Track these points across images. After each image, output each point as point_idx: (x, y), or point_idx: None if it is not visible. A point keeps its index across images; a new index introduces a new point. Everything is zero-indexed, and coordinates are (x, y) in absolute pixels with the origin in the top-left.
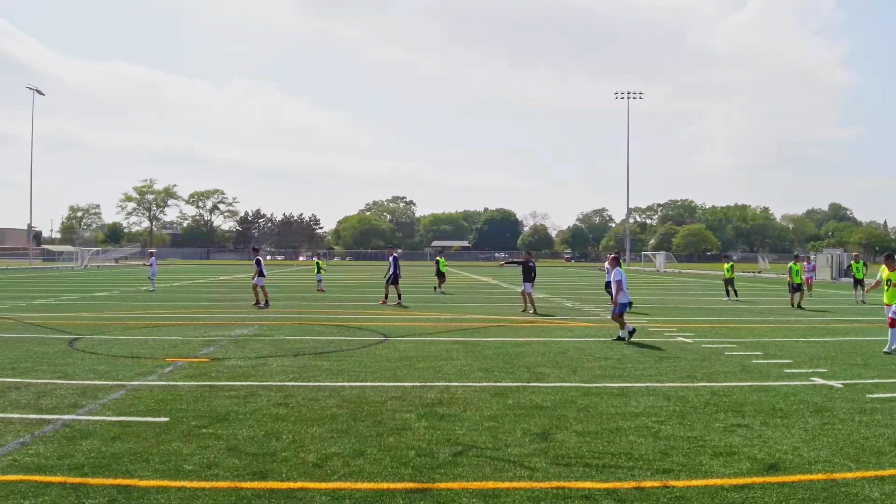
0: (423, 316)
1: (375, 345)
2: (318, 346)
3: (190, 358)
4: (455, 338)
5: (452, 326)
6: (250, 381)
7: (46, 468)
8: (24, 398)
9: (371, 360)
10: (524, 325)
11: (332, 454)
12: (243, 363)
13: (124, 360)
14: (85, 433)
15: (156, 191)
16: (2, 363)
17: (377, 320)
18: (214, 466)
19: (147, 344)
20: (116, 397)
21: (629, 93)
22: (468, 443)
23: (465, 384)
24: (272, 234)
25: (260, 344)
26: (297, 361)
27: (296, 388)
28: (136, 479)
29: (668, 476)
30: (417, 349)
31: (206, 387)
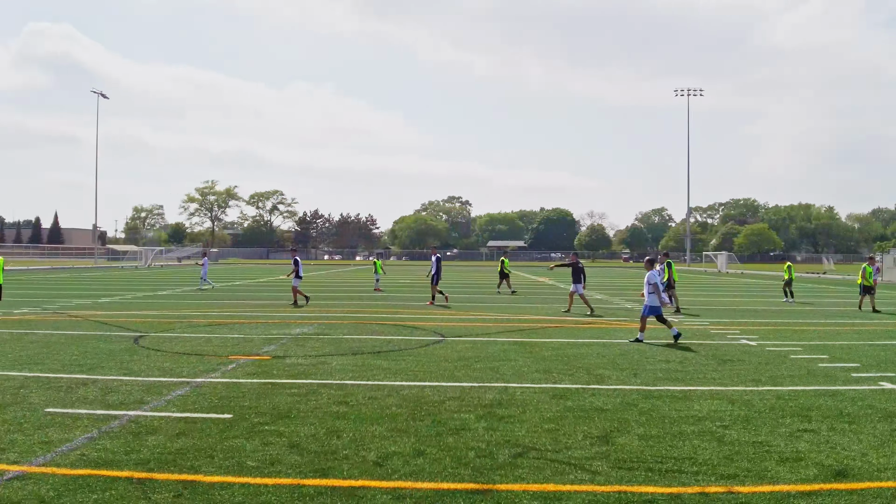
0: (480, 316)
1: (432, 345)
2: (376, 345)
3: (252, 356)
4: (512, 338)
5: (509, 327)
6: (311, 379)
7: (113, 463)
8: (92, 394)
9: (429, 360)
10: (582, 326)
11: (393, 453)
12: (303, 361)
13: (188, 358)
14: (151, 429)
15: (217, 192)
16: (70, 360)
17: (434, 320)
18: (277, 463)
19: (210, 342)
20: (181, 394)
21: (689, 90)
22: (528, 444)
23: (524, 385)
24: (330, 233)
25: (319, 342)
26: (356, 360)
27: (355, 386)
28: (201, 474)
29: (733, 482)
30: (474, 350)
31: (267, 384)
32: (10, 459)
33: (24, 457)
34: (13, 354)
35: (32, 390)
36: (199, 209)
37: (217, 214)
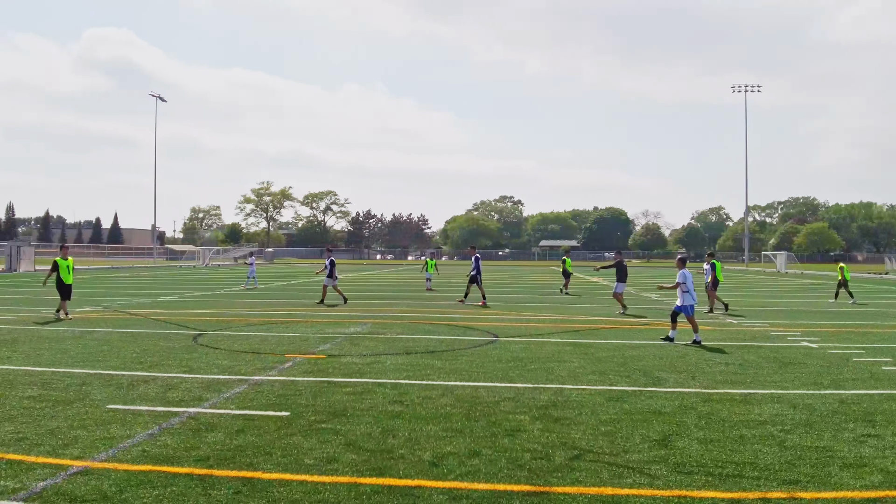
0: (534, 317)
1: (486, 345)
2: (429, 344)
3: (308, 354)
4: (566, 339)
5: (563, 328)
6: (365, 378)
7: (174, 459)
8: (152, 391)
9: (483, 360)
10: (638, 327)
11: (448, 453)
12: (358, 360)
13: (246, 356)
14: (210, 426)
15: (272, 193)
16: (131, 357)
17: (487, 320)
18: (334, 461)
19: (267, 340)
20: (239, 391)
21: (747, 86)
22: (584, 447)
23: (579, 387)
24: (382, 234)
25: (373, 342)
26: (410, 359)
27: (410, 386)
28: (260, 471)
29: (796, 487)
30: (528, 350)
31: (323, 382)
32: (74, 455)
33: (87, 452)
34: (75, 352)
35: (94, 387)
36: (254, 210)
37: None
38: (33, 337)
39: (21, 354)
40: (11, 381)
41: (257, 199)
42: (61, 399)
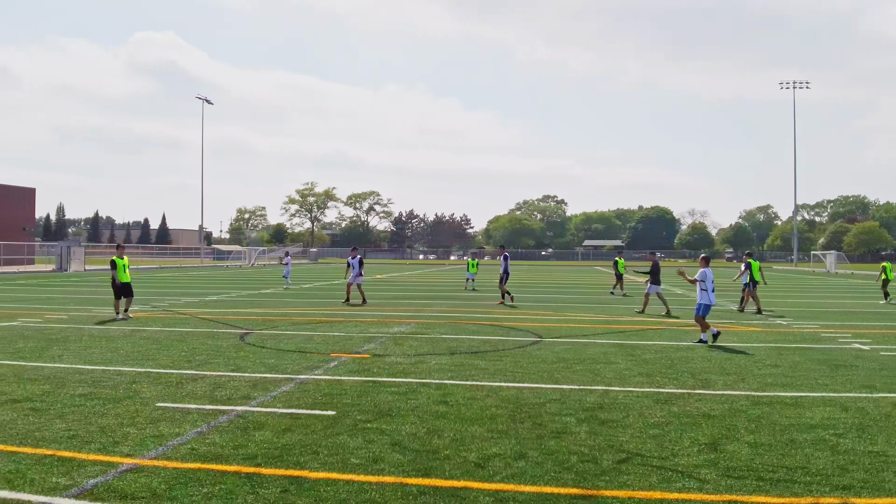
0: (578, 317)
1: (530, 345)
2: (473, 345)
3: (352, 354)
4: (612, 340)
5: (608, 328)
6: (410, 378)
7: (222, 457)
8: (201, 389)
9: (527, 361)
10: (685, 328)
11: (494, 455)
12: (403, 360)
13: (292, 355)
14: (257, 424)
15: (316, 193)
16: (179, 356)
17: (530, 320)
18: (380, 461)
19: (312, 339)
20: (286, 390)
21: (795, 82)
22: (632, 450)
23: (626, 389)
24: (424, 233)
25: (417, 342)
26: (454, 360)
27: (454, 386)
28: (307, 470)
29: (849, 493)
30: (573, 351)
31: (368, 382)
32: (124, 452)
33: (137, 450)
34: (125, 351)
35: (144, 385)
36: (299, 210)
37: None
38: (84, 335)
39: (72, 353)
40: (63, 379)
41: (301, 199)
42: (112, 397)
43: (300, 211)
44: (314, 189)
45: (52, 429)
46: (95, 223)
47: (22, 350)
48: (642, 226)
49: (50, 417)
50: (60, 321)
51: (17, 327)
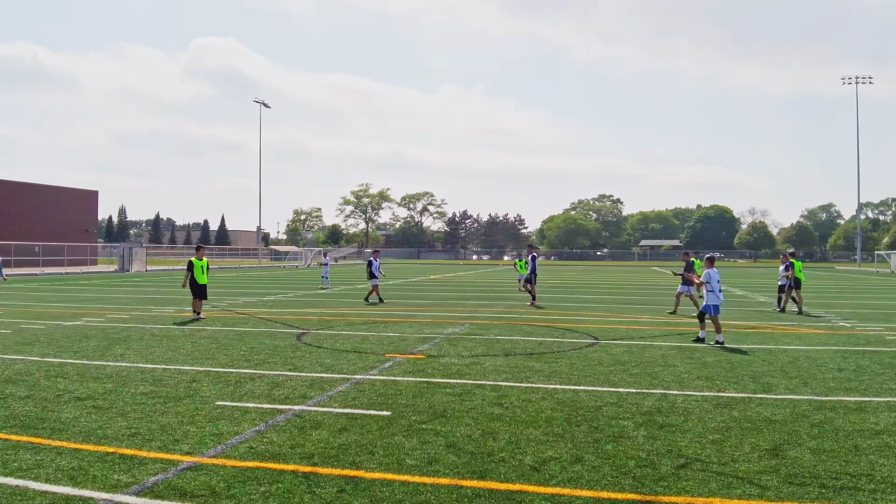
0: (635, 319)
1: (586, 347)
2: (528, 346)
3: (407, 354)
4: (671, 343)
5: (666, 330)
6: (465, 380)
7: (280, 456)
8: (259, 388)
9: (583, 363)
10: (745, 330)
11: (550, 458)
12: (457, 361)
13: (348, 355)
14: (314, 424)
15: (371, 194)
16: (238, 355)
17: (586, 322)
18: (435, 462)
19: (367, 340)
20: (342, 390)
21: (857, 77)
22: (692, 455)
23: (685, 393)
24: (478, 234)
25: (472, 343)
26: (509, 361)
27: (509, 388)
28: (363, 470)
29: None
30: (631, 354)
31: (423, 383)
32: (184, 450)
33: (197, 448)
34: (185, 350)
35: (204, 384)
36: (354, 211)
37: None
38: (145, 335)
39: (133, 352)
40: (125, 377)
41: (356, 200)
42: (172, 395)
43: (355, 212)
44: (368, 190)
45: (115, 426)
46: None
47: (85, 349)
48: (701, 225)
49: (112, 415)
50: (122, 321)
51: (81, 326)
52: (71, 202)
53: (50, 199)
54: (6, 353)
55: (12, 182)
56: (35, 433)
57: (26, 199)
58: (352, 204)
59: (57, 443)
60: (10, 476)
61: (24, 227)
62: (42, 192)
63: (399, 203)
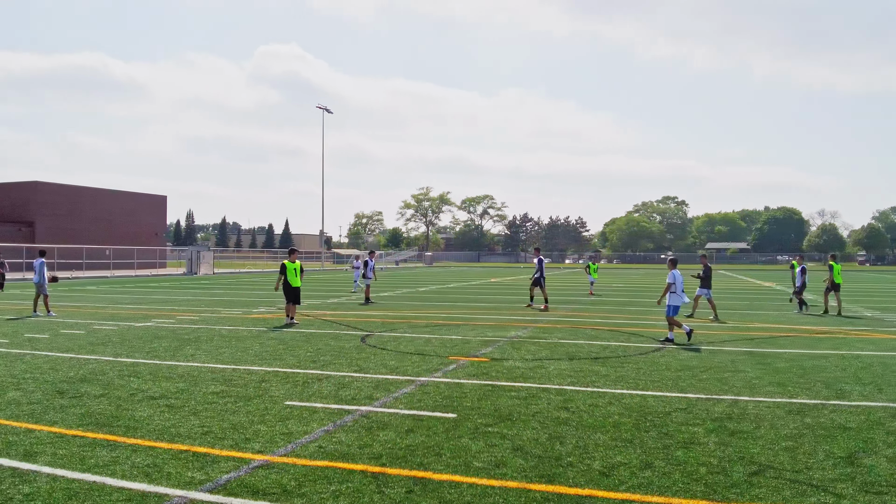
0: (702, 323)
1: (653, 352)
2: (593, 350)
3: (471, 357)
4: (741, 347)
5: (736, 335)
6: (530, 383)
7: (349, 456)
8: (326, 389)
9: (650, 368)
10: (818, 335)
11: (619, 463)
12: (521, 364)
13: (412, 357)
14: (381, 424)
15: (431, 198)
16: (305, 356)
17: (653, 326)
18: (502, 465)
19: (431, 342)
20: (407, 392)
21: None
22: (764, 462)
23: (756, 399)
24: (539, 237)
25: (536, 346)
26: (574, 365)
27: (575, 392)
28: (431, 472)
29: None
30: (700, 358)
31: (488, 386)
32: (255, 449)
33: (268, 447)
34: (254, 350)
35: (273, 384)
36: (414, 214)
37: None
38: (214, 336)
39: (204, 352)
40: (196, 377)
41: (417, 204)
42: (243, 395)
43: (415, 215)
44: (429, 193)
45: (187, 425)
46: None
47: (157, 349)
48: (769, 227)
49: (185, 414)
50: (192, 322)
51: (152, 328)
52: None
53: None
54: (81, 353)
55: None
56: (110, 431)
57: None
58: (412, 207)
59: (132, 440)
60: (88, 472)
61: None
62: (113, 198)
63: (459, 206)
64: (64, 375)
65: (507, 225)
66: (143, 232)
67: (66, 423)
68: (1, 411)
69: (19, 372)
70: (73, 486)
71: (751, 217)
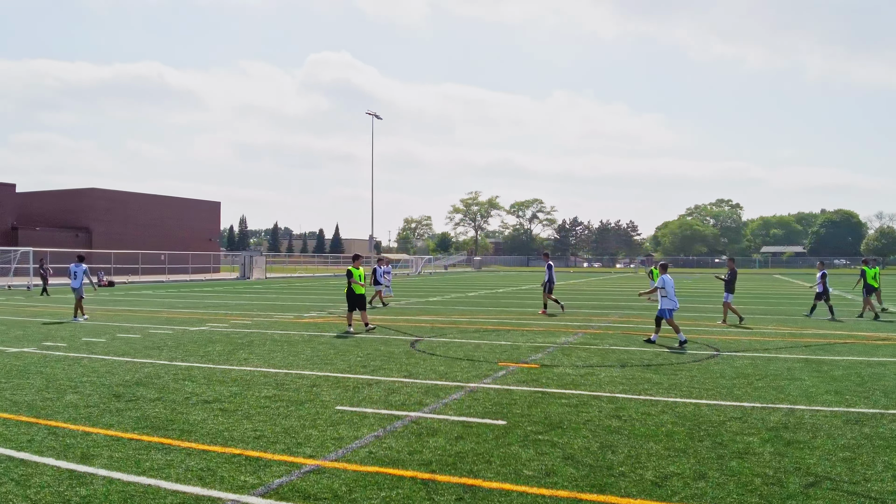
0: (758, 329)
1: (707, 359)
2: (645, 357)
3: (521, 363)
4: (797, 355)
5: (792, 342)
6: (580, 390)
7: (399, 462)
8: (376, 394)
9: (704, 376)
10: (877, 342)
11: (672, 473)
12: (572, 371)
13: (461, 363)
14: (431, 431)
15: (480, 202)
16: (355, 361)
17: (707, 332)
18: (553, 474)
19: (480, 348)
20: (456, 398)
21: None
22: (821, 474)
23: (813, 408)
24: (589, 241)
25: (586, 353)
26: (626, 372)
27: (627, 400)
28: (481, 479)
29: None
30: (755, 366)
31: (538, 393)
32: (306, 454)
33: (319, 452)
34: (305, 355)
35: (324, 389)
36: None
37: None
38: (267, 340)
39: (257, 356)
40: (249, 381)
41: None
42: (294, 399)
43: (464, 220)
44: (478, 198)
45: (240, 429)
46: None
47: (211, 353)
48: (825, 230)
49: (238, 418)
50: (245, 326)
51: (206, 332)
52: (196, 213)
53: (175, 209)
54: (136, 357)
55: (140, 194)
56: (165, 434)
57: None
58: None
59: (186, 444)
60: (143, 475)
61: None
62: (168, 204)
63: (508, 210)
64: (120, 379)
65: (557, 229)
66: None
67: (122, 426)
68: (59, 414)
69: (77, 375)
70: (128, 488)
71: (806, 220)
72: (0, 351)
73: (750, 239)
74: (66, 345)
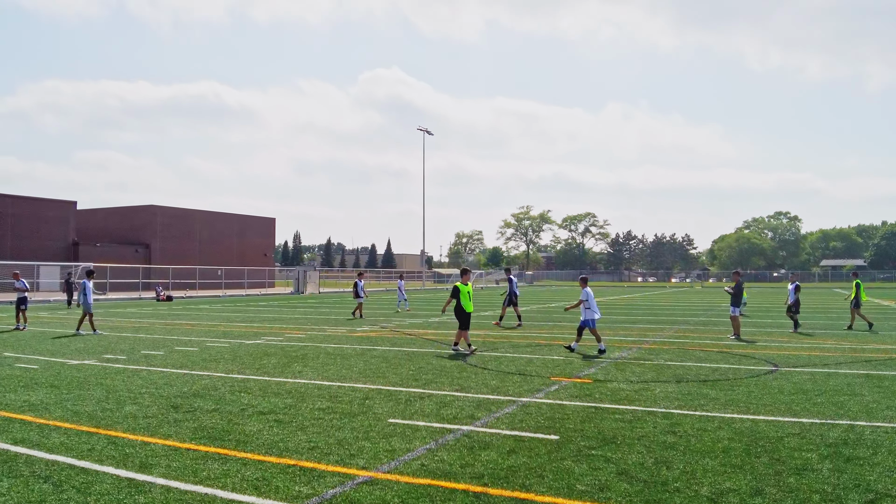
0: (817, 344)
1: (765, 374)
2: (701, 373)
3: (573, 378)
4: (858, 370)
5: (853, 357)
6: (634, 406)
7: (451, 474)
8: (428, 407)
9: (762, 392)
10: None
11: (728, 490)
12: (626, 386)
13: (513, 377)
14: (483, 444)
15: (532, 216)
16: (407, 374)
17: (766, 347)
18: (606, 489)
19: (532, 362)
20: (508, 412)
21: None
22: (881, 491)
23: (874, 424)
24: (643, 255)
25: (641, 368)
26: (682, 388)
27: (682, 416)
28: (533, 493)
29: None
30: (814, 382)
31: (591, 408)
32: (360, 465)
33: (372, 463)
34: (358, 368)
35: (376, 401)
36: (514, 234)
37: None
38: (321, 353)
39: (311, 369)
40: (303, 393)
41: (517, 223)
42: (347, 411)
43: (516, 234)
44: (529, 212)
45: (295, 440)
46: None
47: (266, 366)
48: (886, 243)
49: (293, 429)
50: (299, 339)
51: (262, 345)
52: (252, 229)
53: (232, 225)
54: (194, 369)
55: (198, 210)
56: (222, 444)
57: (212, 226)
58: (512, 226)
59: (242, 454)
60: (200, 484)
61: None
62: (225, 220)
63: (560, 225)
64: (178, 391)
65: (610, 243)
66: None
67: (179, 436)
68: (118, 424)
69: (136, 387)
70: (185, 497)
71: (867, 232)
72: (62, 363)
73: (809, 252)
74: (126, 357)
